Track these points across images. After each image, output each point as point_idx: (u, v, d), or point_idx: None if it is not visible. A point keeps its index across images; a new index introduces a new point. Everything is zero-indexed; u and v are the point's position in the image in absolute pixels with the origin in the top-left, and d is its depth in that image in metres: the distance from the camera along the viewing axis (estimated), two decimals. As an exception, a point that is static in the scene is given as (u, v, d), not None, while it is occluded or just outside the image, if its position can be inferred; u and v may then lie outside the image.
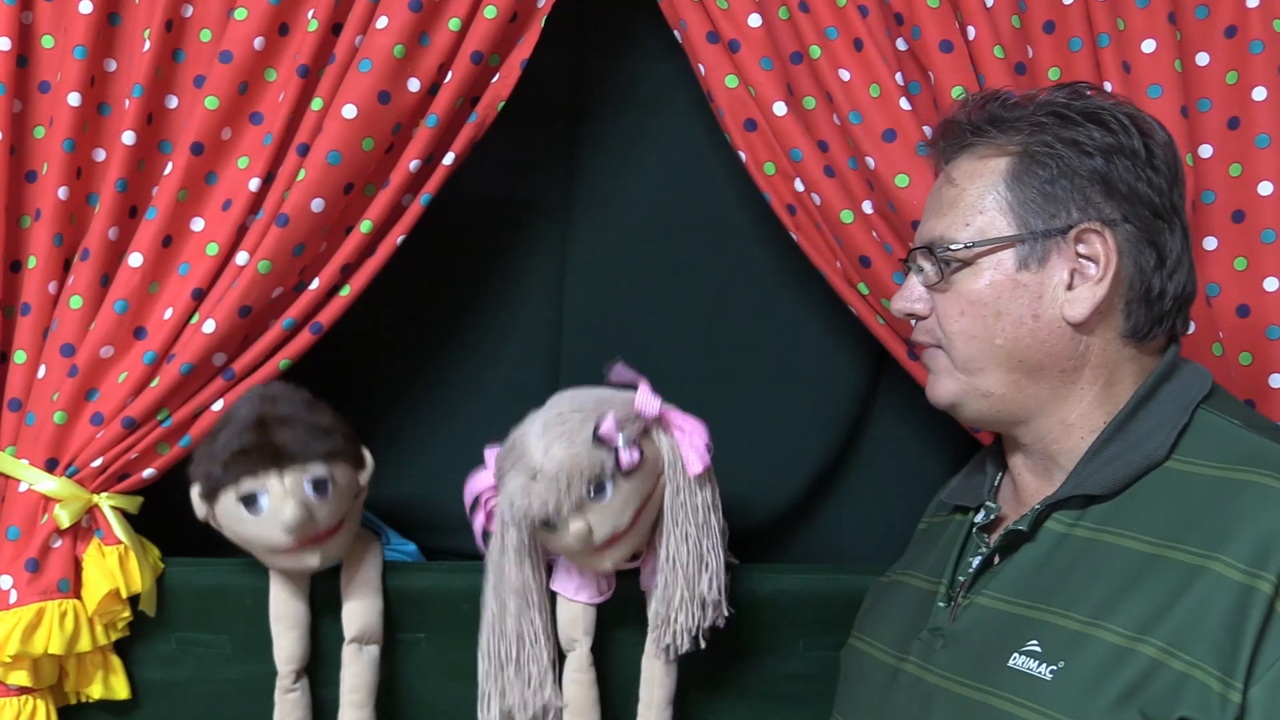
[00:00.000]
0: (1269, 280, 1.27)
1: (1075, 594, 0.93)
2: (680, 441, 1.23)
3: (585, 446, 1.17)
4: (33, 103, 1.32)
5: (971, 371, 1.03)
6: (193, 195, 1.29)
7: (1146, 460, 0.96)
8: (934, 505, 1.25)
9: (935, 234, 1.04)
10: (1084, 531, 0.96)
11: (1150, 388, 0.99)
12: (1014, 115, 1.03)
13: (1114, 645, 0.88)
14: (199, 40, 1.32)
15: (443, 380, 1.52)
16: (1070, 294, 0.99)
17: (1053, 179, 0.99)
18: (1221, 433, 0.96)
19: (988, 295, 1.01)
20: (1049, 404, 1.01)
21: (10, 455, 1.27)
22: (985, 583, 1.01)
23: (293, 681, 1.29)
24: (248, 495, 1.19)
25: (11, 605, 1.24)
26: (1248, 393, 1.27)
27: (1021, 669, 0.92)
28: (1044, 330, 1.00)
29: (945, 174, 1.07)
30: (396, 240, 1.32)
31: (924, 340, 1.07)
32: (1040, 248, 0.99)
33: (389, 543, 1.37)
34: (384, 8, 1.27)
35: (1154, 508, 0.93)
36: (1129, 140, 0.99)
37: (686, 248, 1.51)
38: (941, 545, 1.12)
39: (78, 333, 1.27)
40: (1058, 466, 1.02)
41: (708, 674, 1.35)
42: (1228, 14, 1.30)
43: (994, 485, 1.11)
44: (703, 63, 1.34)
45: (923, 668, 1.02)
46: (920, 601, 1.08)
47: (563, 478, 1.16)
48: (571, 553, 1.22)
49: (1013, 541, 1.01)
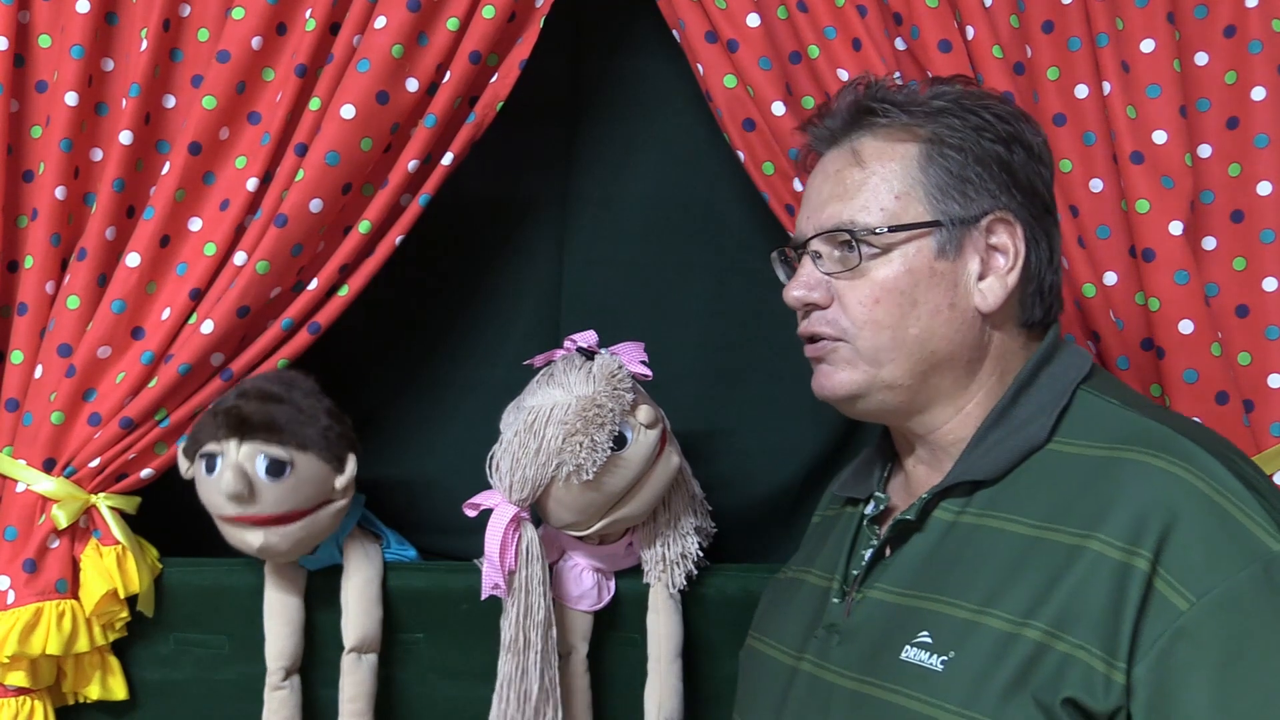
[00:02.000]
0: (1268, 280, 1.27)
1: (964, 582, 0.92)
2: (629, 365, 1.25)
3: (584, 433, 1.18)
4: (30, 102, 1.32)
5: (879, 363, 0.99)
6: (190, 195, 1.29)
7: (1028, 443, 0.95)
8: (826, 498, 1.22)
9: (842, 218, 0.99)
10: (970, 518, 0.95)
11: (1030, 372, 0.99)
12: (912, 100, 1.01)
13: (1001, 632, 0.87)
14: (196, 40, 1.31)
15: (441, 380, 1.51)
16: (982, 284, 0.98)
17: (965, 164, 0.98)
18: (1100, 413, 0.96)
19: (905, 283, 0.98)
20: (948, 394, 1.00)
21: (8, 455, 1.27)
22: (877, 575, 1.00)
23: (282, 679, 1.29)
24: (207, 455, 1.20)
25: (9, 606, 1.24)
26: (1246, 393, 1.27)
27: (913, 661, 0.91)
28: (958, 320, 0.98)
29: (846, 155, 1.02)
30: (395, 240, 1.32)
31: (824, 331, 1.01)
32: (957, 235, 0.98)
33: (389, 547, 1.37)
34: (382, 7, 1.27)
35: (1036, 490, 0.93)
36: (1021, 131, 0.99)
37: (685, 247, 1.51)
38: (834, 539, 1.10)
39: (75, 333, 1.27)
40: (947, 455, 1.01)
41: (707, 674, 1.35)
42: (1227, 14, 1.30)
43: (884, 476, 1.10)
44: (701, 62, 1.34)
45: (820, 665, 1.01)
46: (815, 598, 1.07)
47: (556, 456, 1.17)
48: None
49: (902, 532, 1.00)
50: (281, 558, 1.25)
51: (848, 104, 1.04)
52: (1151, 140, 1.26)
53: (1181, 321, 1.24)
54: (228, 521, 1.21)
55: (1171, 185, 1.25)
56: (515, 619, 1.21)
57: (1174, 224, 1.24)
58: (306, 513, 1.23)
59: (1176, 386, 1.25)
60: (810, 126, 1.08)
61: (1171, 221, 1.24)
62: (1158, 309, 1.25)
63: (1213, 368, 1.24)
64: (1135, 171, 1.25)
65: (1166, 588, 0.83)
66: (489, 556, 1.20)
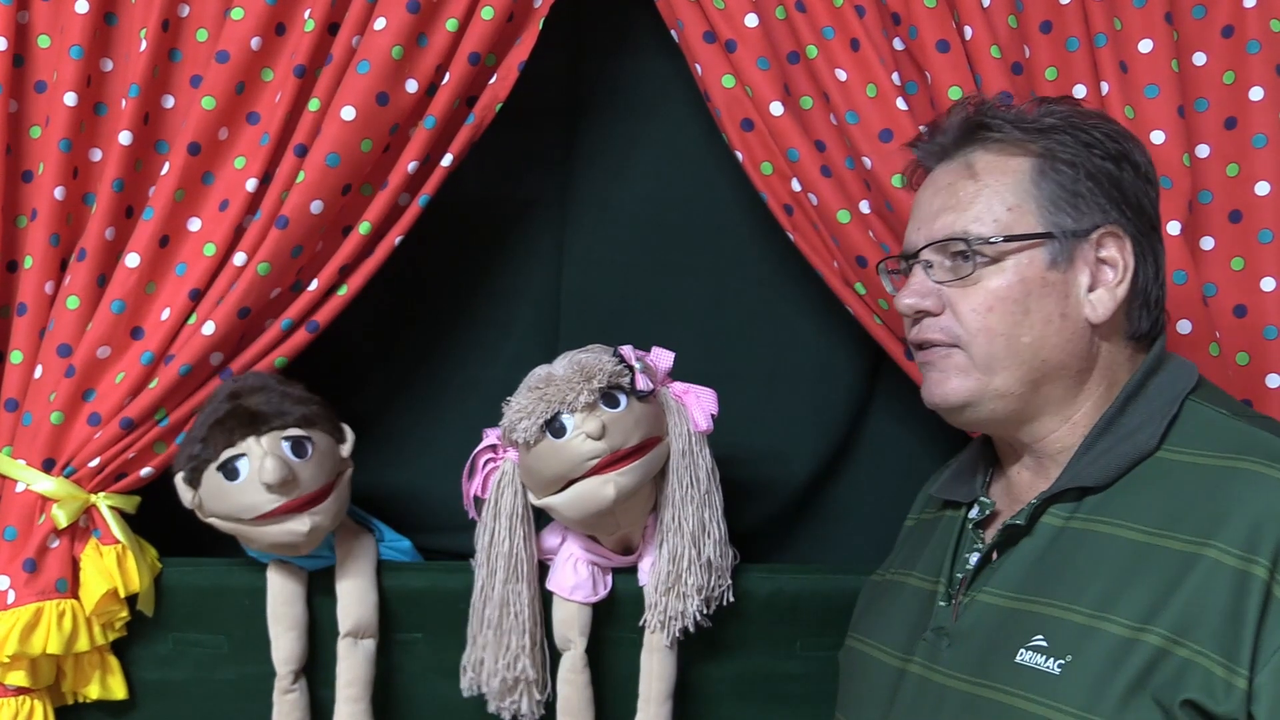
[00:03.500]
0: (1266, 280, 1.27)
1: (1076, 587, 0.93)
2: (689, 403, 1.26)
3: (604, 355, 1.22)
4: (29, 103, 1.32)
5: (992, 370, 1.00)
6: (190, 195, 1.29)
7: (1138, 451, 0.97)
8: (921, 499, 1.24)
9: (956, 228, 1.01)
10: (1079, 523, 0.97)
11: (1139, 382, 1.01)
12: (1024, 118, 1.03)
13: (1119, 637, 0.89)
14: (195, 40, 1.32)
15: (440, 380, 1.52)
16: (1092, 296, 1.00)
17: (1077, 178, 1.00)
18: (1210, 422, 0.97)
19: (1018, 292, 0.99)
20: (1057, 404, 1.02)
21: (7, 455, 1.27)
22: (985, 579, 1.01)
23: (291, 682, 1.29)
24: (227, 463, 1.20)
25: (9, 605, 1.24)
26: (1245, 393, 1.27)
27: (1029, 664, 0.92)
28: (1069, 330, 1.00)
29: (959, 168, 1.04)
30: (394, 241, 1.32)
31: (937, 338, 1.03)
32: (1068, 247, 0.99)
33: (383, 539, 1.37)
34: (381, 8, 1.27)
35: (1146, 497, 0.94)
36: (1130, 150, 1.01)
37: (683, 248, 1.51)
38: (935, 542, 1.11)
39: (75, 333, 1.27)
40: (1053, 463, 1.03)
41: (705, 674, 1.35)
42: (1225, 14, 1.30)
43: (986, 481, 1.11)
44: (700, 63, 1.34)
45: (929, 668, 1.02)
46: (920, 601, 1.08)
47: (580, 375, 1.19)
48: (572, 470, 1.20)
49: (1011, 536, 1.01)
50: (320, 538, 1.26)
51: (959, 120, 1.06)
52: (1150, 140, 1.26)
53: (1180, 321, 1.25)
54: (267, 519, 1.21)
55: (1170, 185, 1.25)
56: (482, 545, 1.27)
57: (1172, 224, 1.24)
58: (332, 485, 1.25)
59: (1175, 386, 1.25)
60: (919, 143, 1.11)
61: (1169, 221, 1.24)
62: (1156, 309, 1.25)
63: (1211, 367, 1.24)
64: (1133, 171, 1.25)
65: None
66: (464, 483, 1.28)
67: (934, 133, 1.09)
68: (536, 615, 1.29)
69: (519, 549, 1.27)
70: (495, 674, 1.26)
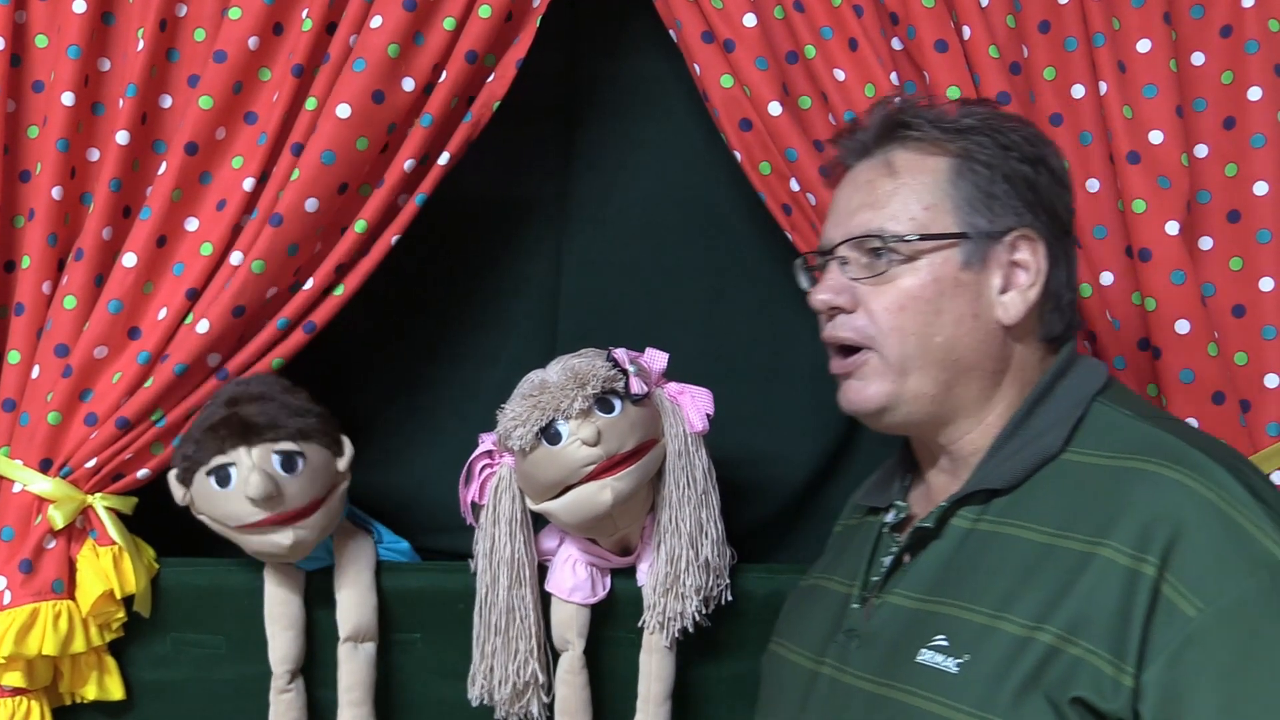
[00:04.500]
0: (1264, 280, 1.27)
1: (979, 587, 0.94)
2: (684, 404, 1.26)
3: (598, 359, 1.21)
4: (26, 102, 1.32)
5: (905, 371, 1.01)
6: (187, 195, 1.28)
7: (1043, 453, 0.97)
8: (849, 507, 1.25)
9: (872, 225, 1.02)
10: (986, 525, 0.98)
11: (1047, 384, 1.01)
12: (945, 118, 1.04)
13: (1015, 636, 0.90)
14: (193, 39, 1.31)
15: (437, 380, 1.51)
16: (1003, 298, 1.01)
17: (993, 180, 1.00)
18: (1114, 424, 0.98)
19: (930, 291, 1.00)
20: (972, 405, 1.03)
21: (4, 456, 1.27)
22: (896, 581, 1.02)
23: (287, 682, 1.29)
24: (218, 469, 1.20)
25: (6, 606, 1.23)
26: (1243, 393, 1.27)
27: (929, 663, 0.94)
28: (981, 331, 1.01)
29: (878, 165, 1.05)
30: (391, 240, 1.32)
31: (848, 336, 1.03)
32: (982, 248, 1.00)
33: (381, 540, 1.37)
34: (378, 7, 1.27)
35: (1050, 499, 0.95)
36: (1046, 155, 1.02)
37: (682, 248, 1.51)
38: (855, 547, 1.13)
39: (72, 333, 1.27)
40: (966, 465, 1.03)
41: (705, 674, 1.35)
42: (1223, 13, 1.30)
43: (905, 486, 1.12)
44: (698, 62, 1.34)
45: (839, 669, 1.03)
46: (837, 604, 1.09)
47: (574, 381, 1.18)
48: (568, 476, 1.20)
49: (921, 539, 1.02)
50: (306, 551, 1.26)
51: (880, 118, 1.07)
52: (1148, 140, 1.26)
53: (1178, 321, 1.24)
54: (251, 529, 1.21)
55: (1168, 185, 1.25)
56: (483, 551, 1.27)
57: (1170, 224, 1.24)
58: (323, 500, 1.24)
59: (1173, 386, 1.25)
60: (841, 139, 1.11)
61: (1168, 221, 1.24)
62: (1154, 309, 1.25)
63: (1209, 368, 1.24)
64: (1132, 171, 1.25)
65: (1175, 594, 0.85)
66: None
67: (855, 130, 1.09)
68: (540, 618, 1.29)
69: (520, 553, 1.26)
70: (506, 680, 1.26)
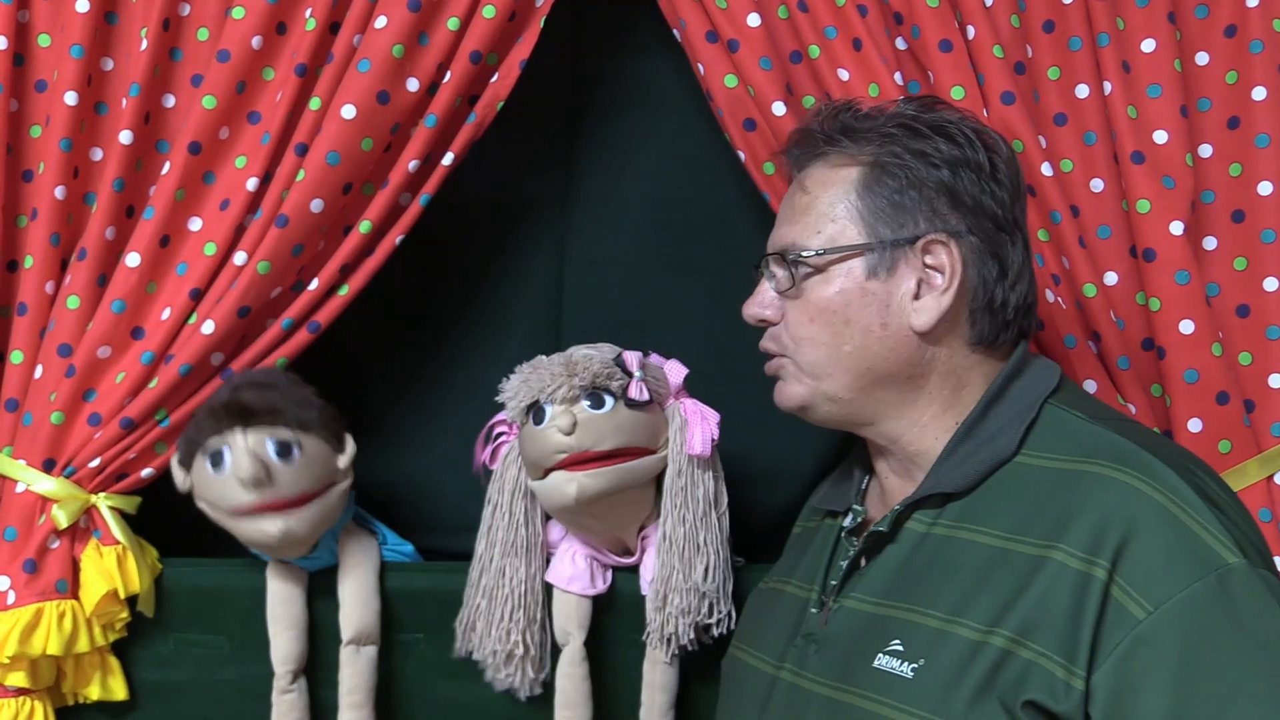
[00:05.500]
0: (1269, 280, 1.27)
1: (934, 592, 0.95)
2: (691, 420, 1.25)
3: (604, 354, 1.22)
4: (29, 102, 1.32)
5: (819, 377, 1.04)
6: (190, 195, 1.28)
7: (996, 456, 0.98)
8: (806, 510, 1.25)
9: (787, 241, 1.05)
10: (942, 529, 0.98)
11: (999, 387, 1.02)
12: (865, 126, 1.04)
13: (968, 640, 0.90)
14: (196, 39, 1.31)
15: (441, 381, 1.51)
16: (917, 303, 1.01)
17: (901, 189, 1.01)
18: (1066, 426, 0.98)
19: (837, 303, 1.02)
20: (896, 408, 1.03)
21: (7, 455, 1.27)
22: (853, 585, 1.03)
23: (290, 682, 1.29)
24: (214, 452, 1.20)
25: (9, 606, 1.23)
26: (1247, 393, 1.27)
27: (884, 668, 0.94)
28: (891, 339, 1.01)
29: (798, 181, 1.08)
30: (395, 240, 1.32)
31: (770, 347, 1.08)
32: (889, 257, 1.01)
33: (386, 543, 1.36)
34: (382, 7, 1.26)
35: (1003, 502, 0.96)
36: (974, 154, 1.01)
37: (686, 248, 1.51)
38: (813, 550, 1.13)
39: (75, 333, 1.27)
40: (917, 467, 1.04)
41: (707, 675, 1.35)
42: (1227, 13, 1.30)
43: (861, 489, 1.13)
44: (702, 62, 1.34)
45: (798, 674, 1.03)
46: (795, 608, 1.09)
47: (565, 368, 1.20)
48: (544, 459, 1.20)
49: (876, 543, 1.02)
50: (299, 546, 1.25)
51: (798, 135, 1.09)
52: (1152, 140, 1.26)
53: (1182, 321, 1.24)
54: (243, 514, 1.20)
55: (1172, 185, 1.25)
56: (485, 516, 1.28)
57: (1175, 224, 1.24)
58: (317, 494, 1.23)
59: (1177, 386, 1.25)
60: (781, 155, 1.14)
61: (1172, 221, 1.24)
62: (1158, 309, 1.25)
63: (1213, 368, 1.24)
64: (1136, 171, 1.25)
65: (1124, 596, 0.86)
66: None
67: (786, 146, 1.11)
68: (536, 593, 1.28)
69: (519, 524, 1.27)
70: (487, 646, 1.27)
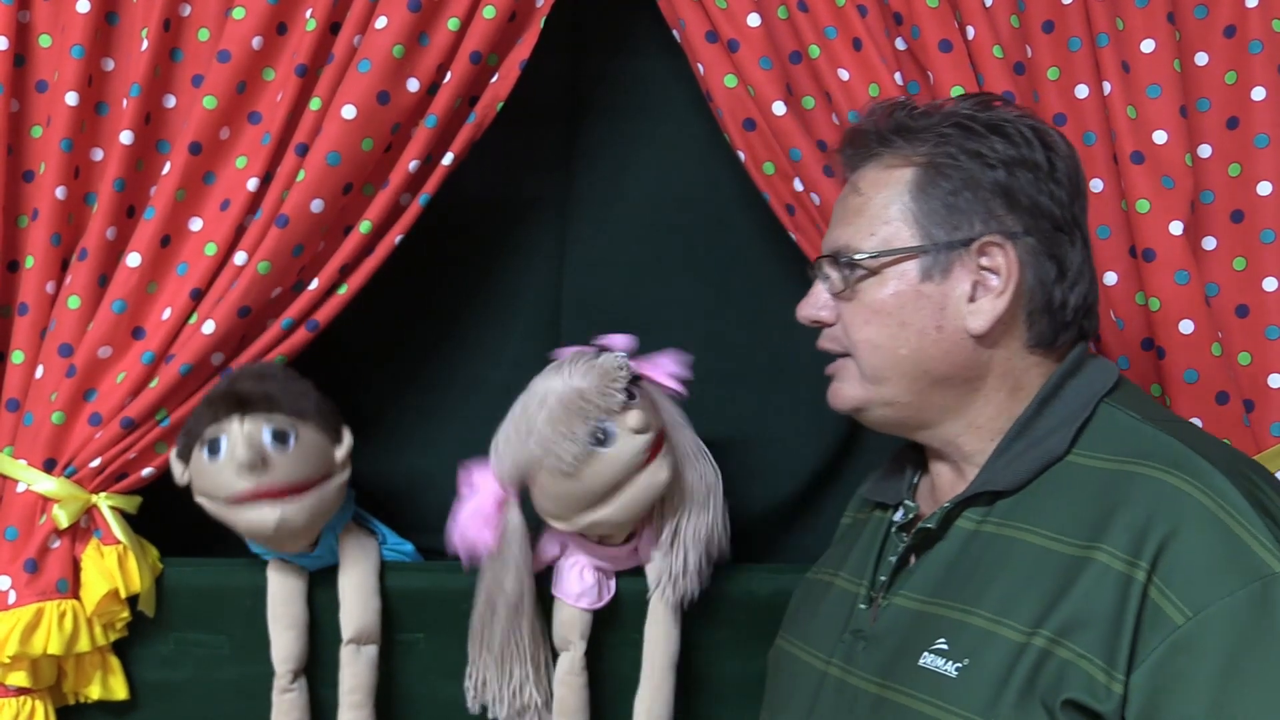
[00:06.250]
0: (1268, 280, 1.27)
1: (981, 591, 0.94)
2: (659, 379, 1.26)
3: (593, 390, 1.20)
4: (30, 102, 1.32)
5: (879, 380, 1.03)
6: (191, 195, 1.28)
7: (1048, 455, 0.97)
8: (856, 500, 1.24)
9: (840, 242, 1.04)
10: (990, 527, 0.97)
11: (1054, 386, 1.00)
12: (920, 125, 1.03)
13: (1013, 642, 0.89)
14: (197, 39, 1.31)
15: (441, 380, 1.51)
16: (972, 306, 0.99)
17: (956, 190, 0.99)
18: (1119, 426, 0.97)
19: (892, 305, 1.01)
20: (953, 411, 1.02)
21: (8, 455, 1.27)
22: (902, 582, 1.02)
23: (290, 681, 1.29)
24: (211, 441, 1.20)
25: (10, 606, 1.24)
26: (1247, 393, 1.27)
27: (930, 667, 0.93)
28: (947, 342, 1.00)
29: (851, 183, 1.07)
30: (395, 240, 1.32)
31: (831, 347, 1.07)
32: (944, 259, 1.00)
33: (386, 542, 1.37)
34: (383, 7, 1.27)
35: (1052, 502, 0.95)
36: (1031, 153, 1.00)
37: (685, 248, 1.51)
38: (862, 544, 1.12)
39: (76, 333, 1.27)
40: (970, 465, 1.03)
41: (707, 674, 1.35)
42: (1227, 13, 1.30)
43: (913, 483, 1.12)
44: (702, 62, 1.34)
45: (846, 670, 1.03)
46: (845, 603, 1.09)
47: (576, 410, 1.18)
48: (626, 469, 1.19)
49: (925, 540, 1.02)
50: (296, 537, 1.25)
51: (851, 134, 1.08)
52: (1152, 140, 1.26)
53: (1182, 321, 1.24)
54: (240, 502, 1.20)
55: (1172, 185, 1.25)
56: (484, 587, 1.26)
57: (1174, 224, 1.24)
58: (314, 483, 1.23)
59: (1177, 386, 1.26)
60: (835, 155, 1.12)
61: (1172, 221, 1.24)
62: (1158, 309, 1.25)
63: (1213, 368, 1.24)
64: (1135, 171, 1.25)
65: (1162, 599, 0.85)
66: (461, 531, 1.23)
67: (844, 144, 1.10)
68: (538, 637, 1.29)
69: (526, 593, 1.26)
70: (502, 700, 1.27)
